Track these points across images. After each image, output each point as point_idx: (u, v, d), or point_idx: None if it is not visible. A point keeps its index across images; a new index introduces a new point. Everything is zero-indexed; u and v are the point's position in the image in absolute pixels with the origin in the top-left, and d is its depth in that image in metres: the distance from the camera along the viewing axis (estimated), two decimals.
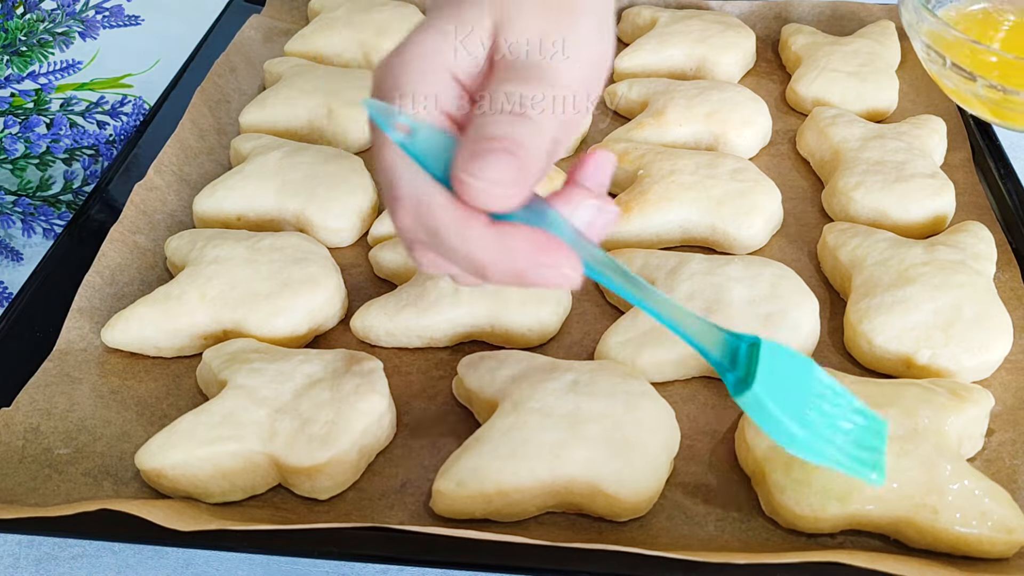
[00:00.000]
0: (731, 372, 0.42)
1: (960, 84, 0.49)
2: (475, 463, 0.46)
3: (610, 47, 0.43)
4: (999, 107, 0.49)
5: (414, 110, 0.38)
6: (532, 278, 0.38)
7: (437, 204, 0.37)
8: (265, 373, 0.50)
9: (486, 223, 0.37)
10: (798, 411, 0.41)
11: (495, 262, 0.37)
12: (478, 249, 0.37)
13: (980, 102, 0.50)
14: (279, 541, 0.44)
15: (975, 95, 0.49)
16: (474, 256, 0.37)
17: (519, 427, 0.47)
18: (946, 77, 0.49)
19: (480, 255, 0.37)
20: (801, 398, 0.42)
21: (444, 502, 0.46)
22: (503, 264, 0.37)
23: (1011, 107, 0.48)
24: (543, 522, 0.48)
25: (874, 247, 0.59)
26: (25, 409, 0.52)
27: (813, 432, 0.41)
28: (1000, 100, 0.47)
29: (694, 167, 0.65)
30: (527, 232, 0.37)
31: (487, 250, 0.37)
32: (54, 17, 0.72)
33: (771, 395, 0.41)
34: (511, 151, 0.36)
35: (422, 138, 0.37)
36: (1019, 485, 0.49)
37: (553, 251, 0.38)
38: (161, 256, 0.63)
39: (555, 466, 0.46)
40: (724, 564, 0.43)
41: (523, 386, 0.49)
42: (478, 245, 0.37)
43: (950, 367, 0.53)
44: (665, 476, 0.48)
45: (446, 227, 0.37)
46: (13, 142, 0.70)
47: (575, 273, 0.38)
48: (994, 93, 0.47)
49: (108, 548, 0.51)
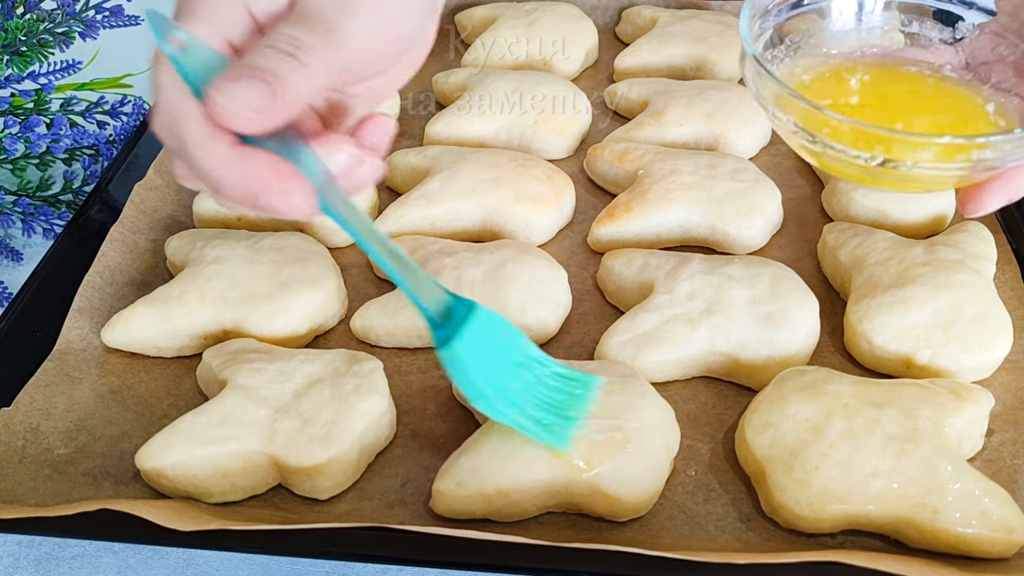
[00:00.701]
0: (441, 328, 0.45)
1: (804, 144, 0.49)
2: (475, 463, 0.46)
3: (421, 37, 0.45)
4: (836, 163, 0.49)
5: (197, 31, 0.39)
6: (264, 202, 0.40)
7: (188, 115, 0.39)
8: (265, 373, 0.50)
9: (231, 143, 0.39)
10: (495, 375, 0.45)
11: (231, 181, 0.39)
12: (217, 166, 0.39)
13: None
14: (279, 541, 0.44)
15: None
16: (213, 172, 0.39)
17: None
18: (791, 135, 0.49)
19: (219, 172, 0.39)
20: (503, 365, 0.45)
21: (444, 502, 0.46)
22: (238, 184, 0.39)
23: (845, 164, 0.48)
24: (543, 522, 0.48)
25: (874, 247, 0.59)
26: (25, 409, 0.52)
27: (504, 396, 0.45)
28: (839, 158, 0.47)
29: (694, 167, 0.65)
30: (267, 158, 0.39)
31: (225, 168, 0.39)
32: (54, 17, 0.72)
33: (470, 355, 0.44)
34: (267, 81, 0.37)
35: (195, 56, 0.39)
36: (1019, 485, 0.49)
37: (288, 180, 0.39)
38: (161, 256, 0.63)
39: (555, 466, 0.46)
40: (724, 564, 0.43)
41: None
42: (218, 162, 0.39)
43: (950, 367, 0.53)
44: (665, 476, 0.48)
45: (192, 140, 0.39)
46: (13, 142, 0.70)
47: (306, 204, 0.40)
48: None
49: (108, 548, 0.51)
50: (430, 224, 0.64)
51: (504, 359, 0.46)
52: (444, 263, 0.58)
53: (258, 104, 0.37)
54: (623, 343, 0.54)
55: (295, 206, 0.40)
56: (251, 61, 0.38)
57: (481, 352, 0.44)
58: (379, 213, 0.66)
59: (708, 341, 0.54)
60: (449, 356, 0.44)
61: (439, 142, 0.72)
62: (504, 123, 0.71)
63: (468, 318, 0.44)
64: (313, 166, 0.40)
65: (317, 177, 0.40)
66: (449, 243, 0.61)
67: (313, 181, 0.40)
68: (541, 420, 0.46)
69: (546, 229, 0.65)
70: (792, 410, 0.48)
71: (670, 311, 0.55)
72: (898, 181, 0.47)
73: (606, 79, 0.83)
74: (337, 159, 0.41)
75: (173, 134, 0.40)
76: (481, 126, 0.71)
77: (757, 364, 0.53)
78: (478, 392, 0.45)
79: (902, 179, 0.46)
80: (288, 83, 0.38)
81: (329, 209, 0.41)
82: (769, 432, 0.48)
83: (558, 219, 0.65)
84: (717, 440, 0.52)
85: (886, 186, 0.49)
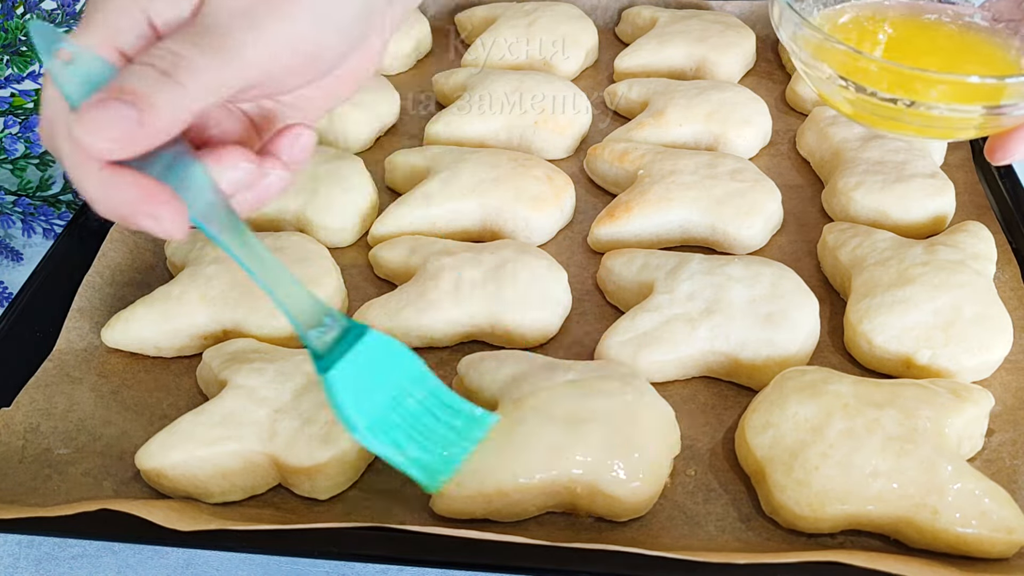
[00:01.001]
0: (322, 356, 0.43)
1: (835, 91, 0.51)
2: (475, 463, 0.46)
3: (359, 51, 0.43)
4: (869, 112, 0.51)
5: (88, 42, 0.38)
6: (133, 223, 0.39)
7: (61, 134, 0.38)
8: (265, 373, 0.50)
9: (101, 165, 0.38)
10: (375, 405, 0.43)
11: (102, 201, 0.38)
12: (88, 186, 0.38)
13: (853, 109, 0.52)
14: (279, 541, 0.44)
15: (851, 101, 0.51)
16: (85, 191, 0.38)
17: (518, 427, 0.47)
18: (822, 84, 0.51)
19: (90, 192, 0.38)
20: (388, 394, 0.43)
21: (444, 502, 0.46)
22: (109, 204, 0.38)
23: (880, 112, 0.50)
24: (543, 522, 0.48)
25: (874, 247, 0.59)
26: (25, 409, 0.52)
27: (381, 428, 0.43)
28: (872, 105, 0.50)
29: (694, 167, 0.65)
30: (137, 181, 0.37)
31: (95, 189, 0.38)
32: (54, 17, 0.72)
33: (349, 384, 0.42)
34: (134, 105, 0.36)
35: (80, 68, 0.38)
36: (1019, 485, 0.49)
37: (157, 202, 0.38)
38: (161, 256, 0.63)
39: (555, 466, 0.46)
40: (724, 564, 0.43)
41: (523, 386, 0.49)
42: (88, 183, 0.38)
43: (950, 367, 0.53)
44: (665, 476, 0.48)
45: (65, 157, 0.38)
46: (13, 142, 0.70)
47: (175, 227, 0.38)
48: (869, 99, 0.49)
49: (108, 548, 0.51)
50: (430, 224, 0.64)
51: (390, 387, 0.44)
52: (444, 263, 0.58)
53: (119, 133, 0.36)
54: (623, 343, 0.54)
55: (164, 229, 0.38)
56: (122, 81, 0.36)
57: (362, 381, 0.43)
58: (379, 213, 0.66)
59: (708, 341, 0.54)
60: (326, 385, 0.42)
61: (439, 142, 0.72)
62: (504, 123, 0.71)
63: (353, 345, 0.43)
64: (199, 184, 0.39)
65: (202, 196, 0.39)
66: (449, 243, 0.61)
67: (194, 201, 0.39)
68: (418, 458, 0.44)
69: (546, 229, 0.65)
70: (792, 410, 0.48)
71: (670, 311, 0.55)
72: (926, 126, 0.48)
73: (606, 79, 0.83)
74: (230, 175, 0.40)
75: (52, 148, 0.39)
76: (481, 126, 0.71)
77: (757, 364, 0.53)
78: (352, 425, 0.43)
79: (930, 123, 0.48)
80: (157, 106, 0.36)
81: (206, 229, 0.40)
82: (769, 432, 0.48)
83: (558, 219, 0.65)
84: (717, 440, 0.52)
85: (915, 132, 0.50)
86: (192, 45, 0.37)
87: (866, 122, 0.52)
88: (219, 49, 0.38)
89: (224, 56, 0.38)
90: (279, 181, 0.42)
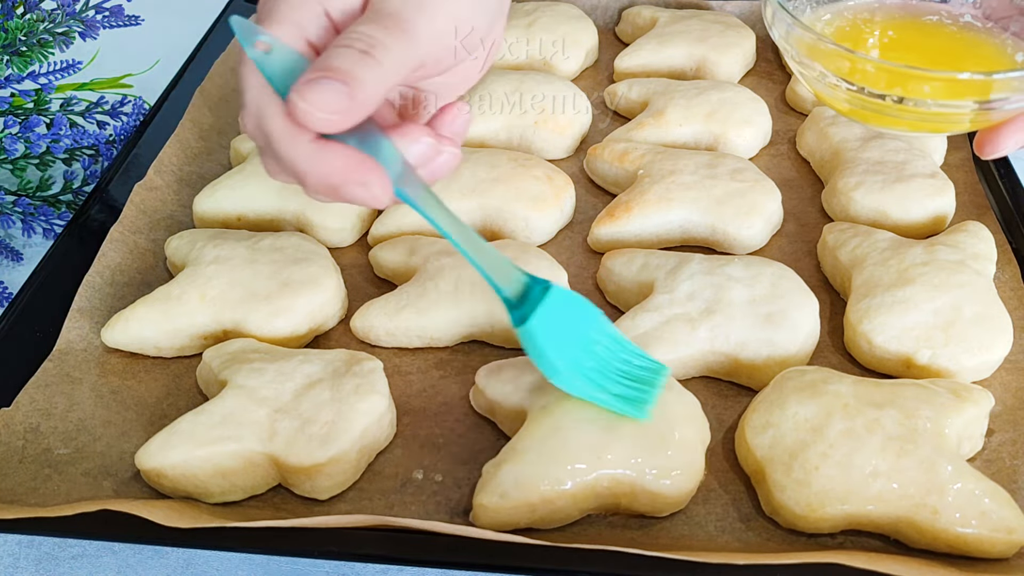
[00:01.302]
0: (517, 309, 0.47)
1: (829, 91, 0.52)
2: (516, 473, 0.45)
3: (493, 34, 0.47)
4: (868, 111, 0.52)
5: (278, 34, 0.42)
6: (344, 193, 0.43)
7: (273, 115, 0.42)
8: (265, 373, 0.50)
9: (312, 139, 0.41)
10: (570, 350, 0.47)
11: (314, 174, 0.42)
12: (301, 161, 0.42)
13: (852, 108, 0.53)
14: (279, 541, 0.44)
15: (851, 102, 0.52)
16: (296, 166, 0.42)
17: (554, 433, 0.47)
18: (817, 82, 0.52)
19: (302, 167, 0.42)
20: (578, 341, 0.47)
21: (487, 515, 0.46)
22: (320, 176, 0.42)
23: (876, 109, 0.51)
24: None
25: (874, 247, 0.59)
26: (25, 409, 0.52)
27: (579, 370, 0.47)
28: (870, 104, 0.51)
29: (694, 167, 0.65)
30: (347, 152, 0.42)
31: (307, 162, 0.42)
32: (54, 17, 0.72)
33: (544, 333, 0.46)
34: (343, 81, 0.40)
35: (277, 57, 0.42)
36: (1019, 485, 0.49)
37: (365, 170, 0.42)
38: (161, 256, 0.63)
39: (596, 468, 0.45)
40: (724, 564, 0.43)
41: (550, 391, 0.49)
42: (301, 158, 0.42)
43: (950, 367, 0.53)
44: (702, 466, 0.48)
45: (277, 138, 0.42)
46: (13, 142, 0.70)
47: (384, 193, 0.43)
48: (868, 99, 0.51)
49: (108, 548, 0.51)
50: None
51: (579, 336, 0.47)
52: (444, 263, 0.58)
53: (335, 106, 0.40)
54: None
55: (373, 196, 0.42)
56: (328, 62, 0.40)
57: (556, 329, 0.47)
58: (379, 213, 0.66)
59: (708, 341, 0.54)
60: (525, 335, 0.46)
61: None
62: (504, 123, 0.71)
63: (543, 297, 0.47)
64: (391, 156, 0.43)
65: (394, 167, 0.43)
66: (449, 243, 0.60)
67: (390, 171, 0.43)
68: (617, 393, 0.47)
69: (546, 229, 0.65)
70: (792, 410, 0.48)
71: (670, 311, 0.55)
72: (919, 121, 0.50)
73: (606, 79, 0.83)
74: (415, 149, 0.44)
75: (260, 132, 0.43)
76: (481, 126, 0.71)
77: (757, 364, 0.53)
78: (553, 368, 0.46)
79: (923, 118, 0.49)
80: (363, 82, 0.40)
81: (405, 196, 0.44)
82: (769, 432, 0.48)
83: (558, 219, 0.65)
84: (717, 440, 0.52)
85: (908, 127, 0.52)
86: (380, 27, 0.41)
87: (862, 119, 0.53)
88: (401, 30, 0.41)
89: (405, 36, 0.42)
90: (451, 159, 0.46)
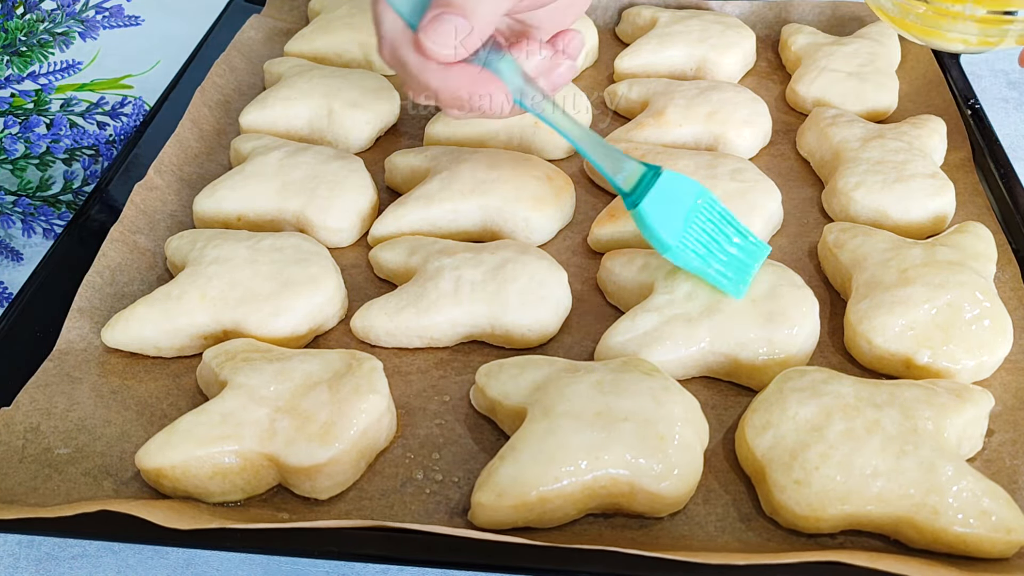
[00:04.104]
0: (629, 196, 0.55)
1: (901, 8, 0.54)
2: (514, 472, 0.46)
3: None
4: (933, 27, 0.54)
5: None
6: (471, 104, 0.51)
7: (404, 45, 0.51)
8: (265, 373, 0.50)
9: (439, 63, 0.50)
10: (678, 228, 0.54)
11: (445, 91, 0.51)
12: (432, 80, 0.51)
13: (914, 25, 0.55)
14: (279, 541, 0.44)
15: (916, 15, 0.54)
16: (430, 85, 0.51)
17: (553, 432, 0.47)
18: None
19: (434, 85, 0.51)
20: (687, 219, 0.54)
21: (485, 514, 0.46)
22: (449, 91, 0.51)
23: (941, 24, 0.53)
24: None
25: (874, 247, 0.59)
26: (25, 409, 0.52)
27: (687, 246, 0.54)
28: None
29: (694, 167, 0.65)
30: (471, 70, 0.51)
31: (439, 82, 0.51)
32: (54, 17, 0.72)
33: (655, 214, 0.53)
34: (463, 15, 0.47)
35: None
36: (1019, 485, 0.49)
37: (489, 85, 0.51)
38: (161, 256, 0.63)
39: (594, 467, 0.46)
40: (724, 565, 0.43)
41: (550, 391, 0.49)
42: (432, 79, 0.51)
43: (950, 367, 0.53)
44: (701, 467, 0.48)
45: (411, 63, 0.51)
46: (13, 142, 0.70)
47: (506, 102, 0.52)
48: None
49: (108, 548, 0.51)
50: (430, 224, 0.64)
51: (687, 214, 0.54)
52: (444, 263, 0.58)
53: (456, 40, 0.48)
54: (623, 343, 0.54)
55: (497, 105, 0.52)
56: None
57: (665, 210, 0.53)
58: (379, 213, 0.66)
59: (708, 341, 0.54)
60: (637, 217, 0.54)
61: (439, 142, 0.72)
62: (504, 123, 0.71)
63: (653, 182, 0.54)
64: (511, 70, 0.52)
65: (514, 80, 0.52)
66: (449, 243, 0.61)
67: (511, 84, 0.51)
68: (719, 270, 0.54)
69: (546, 229, 0.65)
70: (792, 410, 0.48)
71: (670, 311, 0.55)
72: (966, 34, 0.56)
73: (606, 79, 0.83)
74: (532, 61, 0.52)
75: (396, 60, 0.52)
76: (481, 126, 0.71)
77: (757, 364, 0.53)
78: (663, 245, 0.53)
79: (970, 31, 0.55)
80: (478, 12, 0.48)
81: (525, 105, 0.53)
82: (769, 432, 0.48)
83: (558, 219, 0.65)
84: (717, 440, 0.52)
85: (955, 41, 0.56)
86: None
87: (908, 30, 0.55)
88: None
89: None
90: (568, 71, 0.54)
